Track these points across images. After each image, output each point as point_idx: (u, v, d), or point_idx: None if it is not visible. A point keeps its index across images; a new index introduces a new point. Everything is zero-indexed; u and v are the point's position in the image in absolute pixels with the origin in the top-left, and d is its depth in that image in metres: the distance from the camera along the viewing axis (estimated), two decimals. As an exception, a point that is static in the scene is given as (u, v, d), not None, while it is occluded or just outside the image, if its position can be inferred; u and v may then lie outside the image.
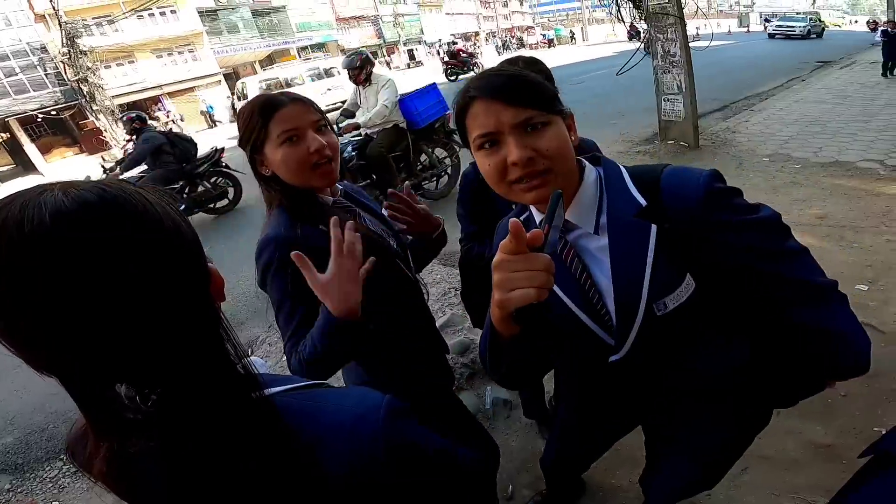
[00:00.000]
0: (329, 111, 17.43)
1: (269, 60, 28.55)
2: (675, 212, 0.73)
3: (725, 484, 1.64)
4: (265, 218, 1.03)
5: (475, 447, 1.30)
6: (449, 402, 1.33)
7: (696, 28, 7.15)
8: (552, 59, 21.58)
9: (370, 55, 4.37)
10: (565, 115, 0.75)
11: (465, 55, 20.20)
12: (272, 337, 3.00)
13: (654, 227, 0.74)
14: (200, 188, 5.72)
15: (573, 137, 0.75)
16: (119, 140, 14.94)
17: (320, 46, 31.97)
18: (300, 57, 28.88)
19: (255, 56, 27.16)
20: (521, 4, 74.88)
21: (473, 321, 1.71)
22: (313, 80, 16.59)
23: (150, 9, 20.11)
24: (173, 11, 22.22)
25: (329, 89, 16.48)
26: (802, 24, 23.45)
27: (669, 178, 0.75)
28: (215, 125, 21.78)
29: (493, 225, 1.31)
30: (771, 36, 24.01)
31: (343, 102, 4.99)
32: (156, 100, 22.34)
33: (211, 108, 22.27)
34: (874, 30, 24.10)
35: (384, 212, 1.18)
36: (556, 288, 0.80)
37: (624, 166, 0.81)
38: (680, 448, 1.05)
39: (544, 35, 42.81)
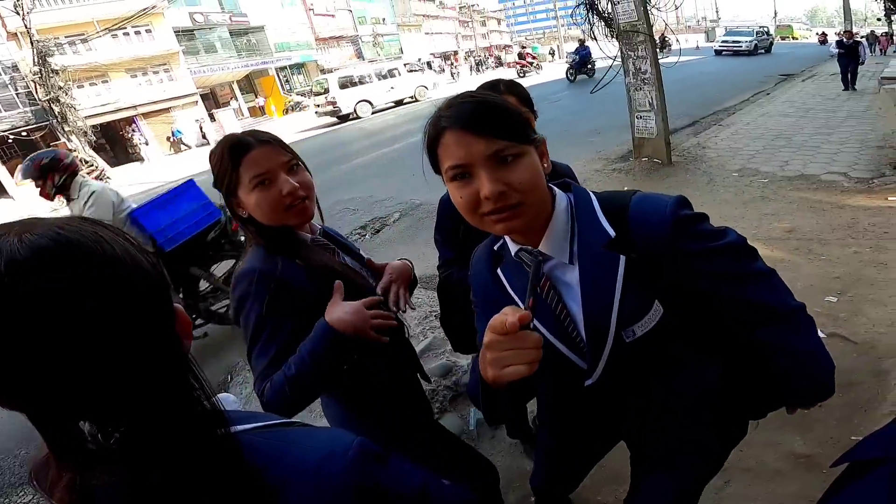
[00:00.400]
0: (391, 107, 18.49)
1: (248, 81, 28.44)
2: (644, 241, 0.74)
3: (710, 497, 1.65)
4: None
5: (467, 475, 1.31)
6: (433, 433, 1.31)
7: (666, 38, 7.37)
8: (529, 77, 22.13)
9: (58, 158, 2.66)
10: (537, 143, 0.75)
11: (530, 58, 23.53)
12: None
13: (622, 258, 0.75)
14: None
15: (545, 164, 0.76)
16: (97, 164, 14.60)
17: (299, 67, 32.07)
18: (279, 77, 28.84)
19: (232, 76, 26.99)
20: (499, 24, 76.88)
21: (454, 345, 1.69)
22: (379, 79, 18.68)
23: (125, 28, 19.92)
24: (148, 31, 22.00)
25: (392, 88, 18.77)
26: (749, 38, 22.00)
27: (637, 206, 0.76)
28: (181, 150, 21.39)
29: (472, 250, 1.32)
30: (717, 53, 22.13)
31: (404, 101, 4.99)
32: (129, 120, 21.93)
33: (178, 132, 21.80)
34: (823, 42, 24.15)
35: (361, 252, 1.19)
36: (536, 325, 0.81)
37: (594, 192, 0.82)
38: (658, 467, 1.06)
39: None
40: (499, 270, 0.85)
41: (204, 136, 21.32)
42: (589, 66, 16.83)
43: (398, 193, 6.22)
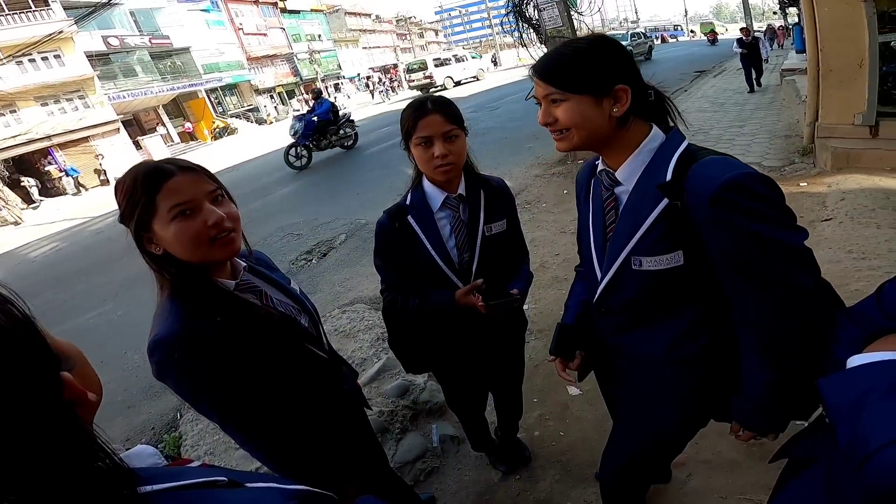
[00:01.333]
0: (468, 82, 23.28)
1: (175, 105, 27.13)
2: (691, 194, 0.82)
3: (675, 491, 1.69)
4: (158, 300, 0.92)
5: None
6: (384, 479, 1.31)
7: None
8: (469, 86, 22.54)
9: None
10: (601, 92, 0.87)
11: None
12: None
13: (665, 201, 0.85)
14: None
15: (615, 109, 0.87)
16: (10, 201, 13.20)
17: (232, 88, 31.01)
18: (210, 99, 27.71)
19: (157, 100, 25.60)
20: (437, 35, 78.08)
21: (405, 367, 1.67)
22: (456, 62, 25.13)
23: (31, 54, 18.35)
24: (57, 56, 20.43)
25: (464, 69, 24.93)
26: (624, 43, 23.00)
27: (703, 165, 0.83)
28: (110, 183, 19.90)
29: (413, 272, 1.37)
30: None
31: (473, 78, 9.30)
32: (45, 152, 20.13)
33: (73, 170, 19.72)
34: (713, 41, 24.11)
35: (294, 286, 1.14)
36: (589, 227, 1.03)
37: (688, 143, 0.89)
38: (628, 422, 1.19)
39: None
40: (592, 180, 1.05)
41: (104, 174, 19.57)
42: None
43: (343, 213, 6.08)
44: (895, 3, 5.68)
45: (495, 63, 34.88)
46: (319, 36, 41.43)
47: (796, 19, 14.42)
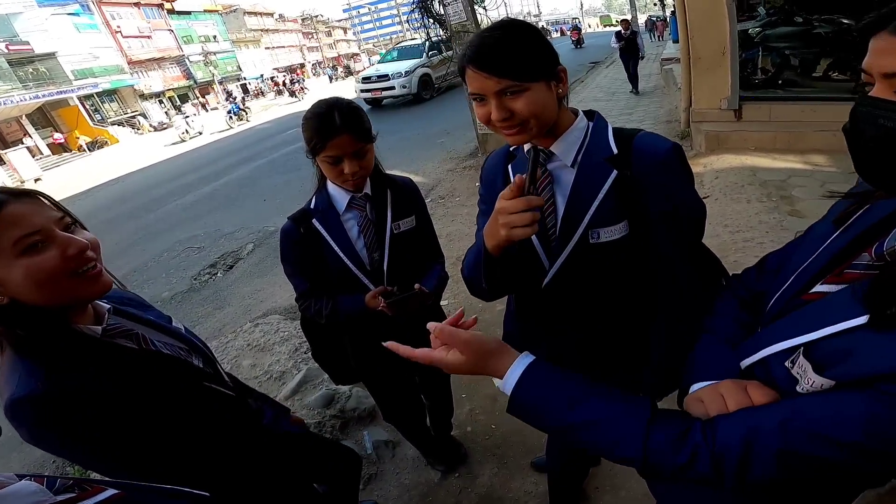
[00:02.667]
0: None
1: (42, 114, 24.04)
2: (638, 162, 0.87)
3: (607, 473, 1.73)
4: None
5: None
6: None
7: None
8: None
9: None
10: (549, 76, 0.86)
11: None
12: None
13: (615, 172, 0.89)
14: None
15: (560, 90, 0.88)
16: None
17: (111, 93, 27.92)
18: (84, 107, 24.80)
19: (19, 110, 22.54)
20: (346, 32, 76.19)
21: (334, 379, 1.62)
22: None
23: None
24: None
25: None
26: (397, 74, 14.84)
27: (642, 138, 0.90)
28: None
29: (325, 278, 1.31)
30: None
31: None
32: None
33: None
34: (578, 42, 22.23)
35: (177, 325, 1.02)
36: None
37: (610, 125, 0.95)
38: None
39: (370, 62, 44.04)
40: (509, 166, 1.01)
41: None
42: None
43: (249, 222, 5.68)
44: None
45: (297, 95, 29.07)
46: (215, 37, 38.76)
47: (672, 10, 15.81)
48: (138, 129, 27.12)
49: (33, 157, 19.49)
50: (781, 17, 5.67)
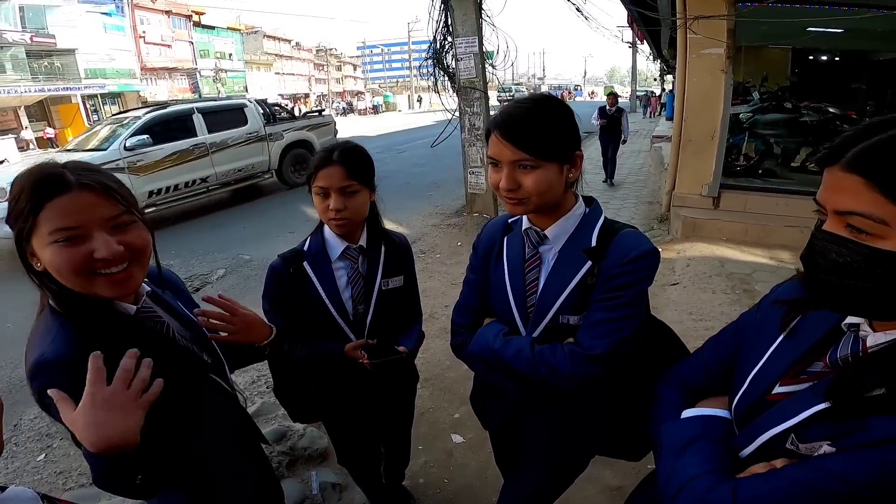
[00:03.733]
0: None
1: (41, 107, 24.10)
2: (610, 256, 0.93)
3: None
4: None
5: None
6: None
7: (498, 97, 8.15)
8: (378, 126, 22.77)
9: None
10: (565, 159, 0.93)
11: None
12: (19, 436, 2.56)
13: (588, 264, 0.94)
14: None
15: (571, 175, 0.94)
16: None
17: (115, 96, 28.11)
18: (85, 105, 24.90)
19: (20, 101, 22.56)
20: (355, 69, 78.87)
21: (292, 416, 1.58)
22: None
23: None
24: None
25: None
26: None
27: (626, 235, 0.96)
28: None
29: (302, 317, 1.33)
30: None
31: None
32: None
33: None
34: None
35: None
36: (506, 283, 1.05)
37: (605, 216, 1.00)
38: (531, 452, 1.23)
39: (374, 103, 45.29)
40: (505, 238, 1.07)
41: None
42: None
43: (223, 247, 5.56)
44: (749, 74, 6.83)
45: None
46: (230, 55, 39.70)
47: (671, 87, 16.46)
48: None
49: (18, 147, 19.29)
50: (773, 104, 5.99)
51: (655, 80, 30.82)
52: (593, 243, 0.95)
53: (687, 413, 0.82)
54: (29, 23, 23.22)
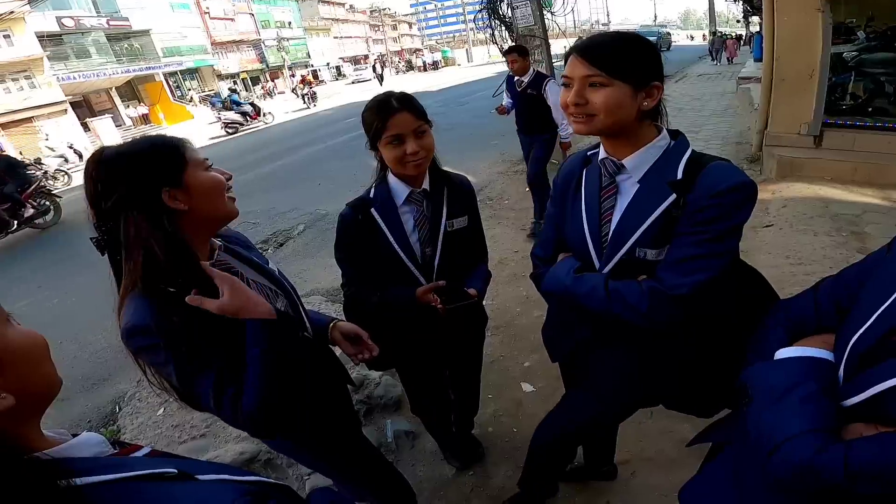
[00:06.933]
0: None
1: (130, 87, 26.03)
2: (698, 190, 0.87)
3: (620, 486, 1.76)
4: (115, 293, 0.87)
5: (388, 496, 1.39)
6: (360, 448, 1.34)
7: (564, 46, 7.71)
8: (438, 81, 22.44)
9: None
10: (642, 84, 0.90)
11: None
12: (142, 392, 2.71)
13: (672, 196, 0.90)
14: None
15: (646, 103, 0.91)
16: None
17: (193, 72, 29.82)
18: (167, 83, 26.60)
19: (110, 83, 24.48)
20: (410, 27, 77.37)
21: (368, 365, 1.63)
22: None
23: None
24: (7, 36, 19.19)
25: None
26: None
27: (716, 167, 0.89)
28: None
29: (374, 266, 1.35)
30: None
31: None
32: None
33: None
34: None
35: (272, 266, 1.12)
36: (582, 213, 1.03)
37: (693, 149, 0.94)
38: (592, 387, 1.22)
39: (433, 59, 44.29)
40: (584, 170, 1.06)
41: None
42: None
43: (302, 204, 5.93)
44: (851, 14, 5.98)
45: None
46: (290, 23, 40.38)
47: (758, 28, 14.82)
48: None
49: (117, 126, 21.30)
50: (881, 43, 5.23)
51: (739, 21, 27.27)
52: (679, 175, 0.90)
53: (784, 353, 0.72)
54: (101, 7, 24.60)
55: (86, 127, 20.54)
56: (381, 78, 28.67)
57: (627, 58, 0.88)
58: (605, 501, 1.72)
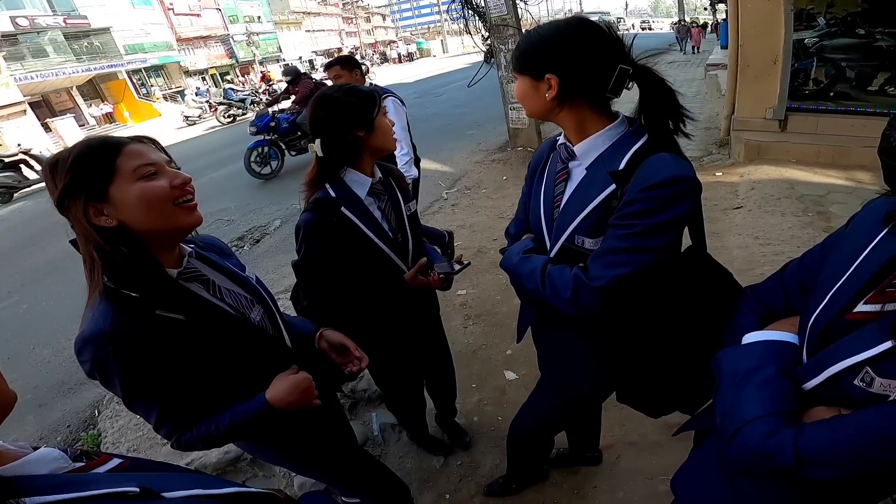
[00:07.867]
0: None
1: (91, 86, 25.02)
2: (634, 182, 0.85)
3: (606, 472, 1.78)
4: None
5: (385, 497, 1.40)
6: (355, 457, 1.35)
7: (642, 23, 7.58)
8: (413, 73, 22.19)
9: None
10: (539, 77, 0.91)
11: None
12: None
13: (612, 187, 0.89)
14: None
15: (547, 94, 0.91)
16: None
17: (158, 69, 28.79)
18: (131, 81, 25.67)
19: (70, 81, 23.48)
20: (384, 19, 76.32)
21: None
22: None
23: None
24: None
25: None
26: None
27: (656, 159, 0.86)
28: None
29: (350, 266, 1.30)
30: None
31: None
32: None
33: None
34: None
35: (250, 273, 1.07)
36: (541, 196, 1.05)
37: (646, 140, 0.90)
38: (542, 373, 1.28)
39: (408, 51, 43.87)
40: (552, 154, 1.08)
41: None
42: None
43: (278, 198, 5.81)
44: (811, 0, 6.16)
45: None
46: (259, 18, 39.34)
47: (724, 16, 15.13)
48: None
49: (79, 125, 20.46)
50: (842, 29, 5.40)
51: (706, 9, 27.94)
52: (622, 166, 0.88)
53: (749, 337, 0.73)
54: (56, 6, 23.53)
55: (47, 127, 19.68)
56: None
57: (527, 53, 0.92)
58: (593, 486, 1.73)
